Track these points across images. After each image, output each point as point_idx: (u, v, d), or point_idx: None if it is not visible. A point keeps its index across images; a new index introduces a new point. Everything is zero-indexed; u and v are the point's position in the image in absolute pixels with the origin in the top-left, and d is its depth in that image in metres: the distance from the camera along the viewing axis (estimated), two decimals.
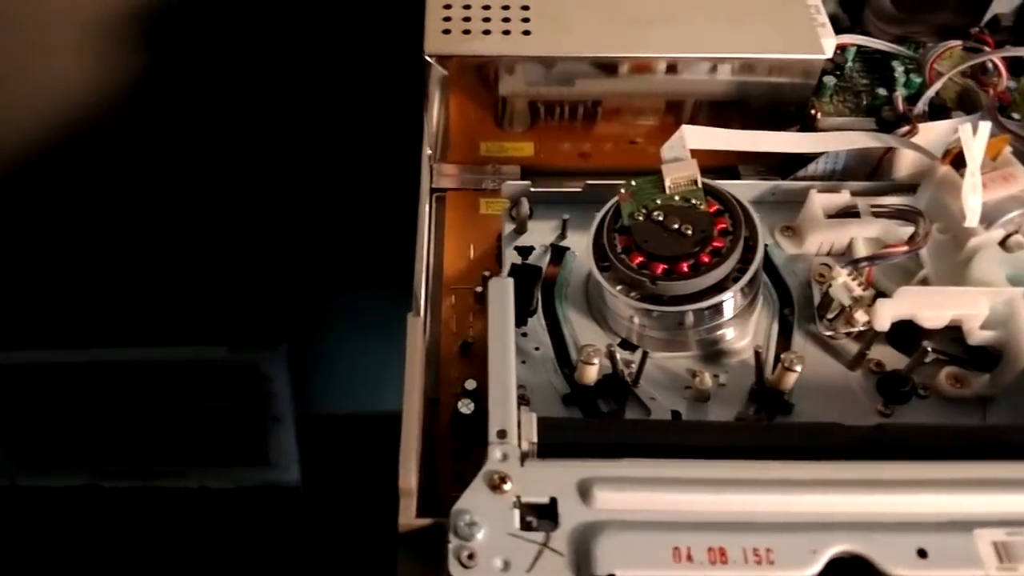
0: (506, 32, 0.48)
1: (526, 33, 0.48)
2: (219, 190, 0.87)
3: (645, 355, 0.42)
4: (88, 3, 0.70)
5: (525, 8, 0.49)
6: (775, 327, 0.45)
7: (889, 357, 0.43)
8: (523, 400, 0.42)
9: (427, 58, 0.47)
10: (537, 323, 0.45)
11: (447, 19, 0.48)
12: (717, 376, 0.43)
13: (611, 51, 0.48)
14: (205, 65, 0.77)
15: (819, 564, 0.29)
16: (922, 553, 0.30)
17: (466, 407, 0.40)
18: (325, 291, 1.02)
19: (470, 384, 0.42)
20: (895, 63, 0.58)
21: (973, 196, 0.42)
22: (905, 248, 0.42)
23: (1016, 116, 0.56)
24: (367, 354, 1.10)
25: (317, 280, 1.00)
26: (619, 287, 0.43)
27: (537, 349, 0.44)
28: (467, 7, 0.49)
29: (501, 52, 0.47)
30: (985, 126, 0.42)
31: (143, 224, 0.90)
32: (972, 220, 0.42)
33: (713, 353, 0.44)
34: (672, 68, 0.50)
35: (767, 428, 0.38)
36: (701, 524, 0.30)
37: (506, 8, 0.49)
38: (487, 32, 0.48)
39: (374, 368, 1.12)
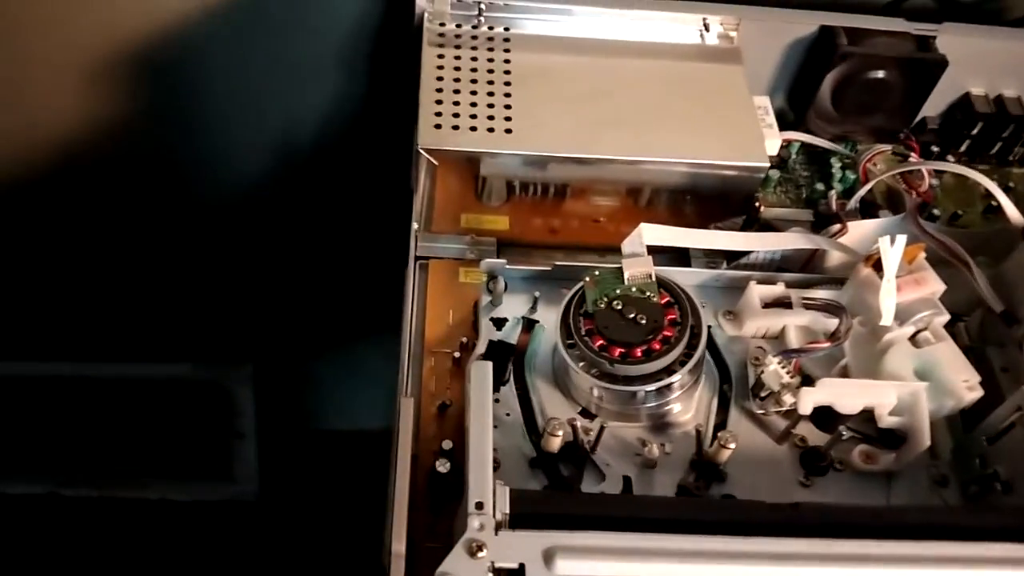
0: (490, 129, 0.54)
1: (508, 131, 0.54)
2: (188, 211, 0.91)
3: (602, 428, 0.48)
4: (83, 45, 0.74)
5: (508, 108, 0.55)
6: (715, 402, 0.51)
7: (812, 434, 0.50)
8: (494, 463, 0.47)
9: (420, 150, 0.52)
10: (509, 391, 0.51)
11: (438, 114, 0.54)
12: (663, 445, 0.49)
13: (579, 151, 0.54)
14: (197, 109, 0.81)
15: None
16: None
17: (443, 466, 0.46)
18: (292, 310, 1.06)
19: (447, 444, 0.47)
20: (833, 159, 0.65)
21: (888, 299, 0.49)
22: (827, 344, 0.49)
23: (936, 212, 0.64)
24: (329, 373, 1.13)
25: (284, 299, 1.04)
26: (581, 364, 0.49)
27: (508, 415, 0.50)
28: (456, 103, 0.55)
29: (485, 148, 0.53)
30: (901, 239, 0.49)
31: (112, 241, 0.93)
32: (887, 320, 0.49)
33: (661, 425, 0.50)
34: (640, 163, 0.57)
35: (705, 504, 0.44)
36: None
37: (491, 106, 0.55)
38: (473, 128, 0.54)
39: (338, 387, 1.16)
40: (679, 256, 0.58)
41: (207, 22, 0.74)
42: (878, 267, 0.50)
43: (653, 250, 0.51)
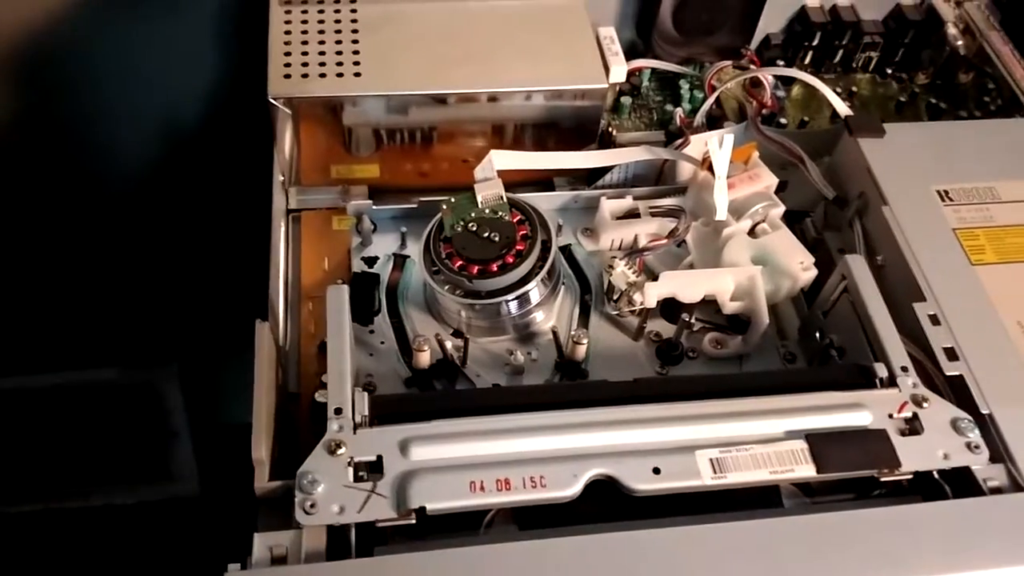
0: (339, 75, 0.56)
1: (357, 75, 0.56)
2: (100, 218, 0.92)
3: (467, 341, 0.51)
4: None
5: (356, 52, 0.57)
6: (576, 310, 0.54)
7: (665, 328, 0.53)
8: (369, 387, 0.50)
9: (271, 100, 0.55)
10: (383, 321, 0.54)
11: (287, 64, 0.56)
12: (530, 353, 0.52)
13: (432, 88, 0.57)
14: (72, 93, 0.82)
15: (579, 484, 0.39)
16: (656, 471, 0.39)
17: (322, 396, 0.48)
18: (210, 306, 1.07)
19: (326, 378, 0.50)
20: (682, 82, 0.69)
21: (720, 195, 0.52)
22: (664, 241, 0.52)
23: (783, 121, 0.68)
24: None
25: (202, 295, 1.04)
26: (447, 287, 0.52)
27: (383, 343, 0.53)
28: (305, 53, 0.57)
29: (335, 92, 0.56)
30: (728, 138, 0.53)
31: (28, 252, 0.94)
32: (721, 214, 0.52)
33: (527, 335, 0.53)
34: (492, 98, 0.59)
35: (549, 388, 0.47)
36: (491, 463, 0.39)
37: (339, 53, 0.57)
38: (323, 75, 0.56)
39: None
40: (546, 187, 0.61)
41: (78, 14, 0.75)
42: (712, 169, 0.54)
43: (523, 182, 0.54)
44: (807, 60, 0.72)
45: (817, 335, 0.52)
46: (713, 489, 0.40)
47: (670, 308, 0.53)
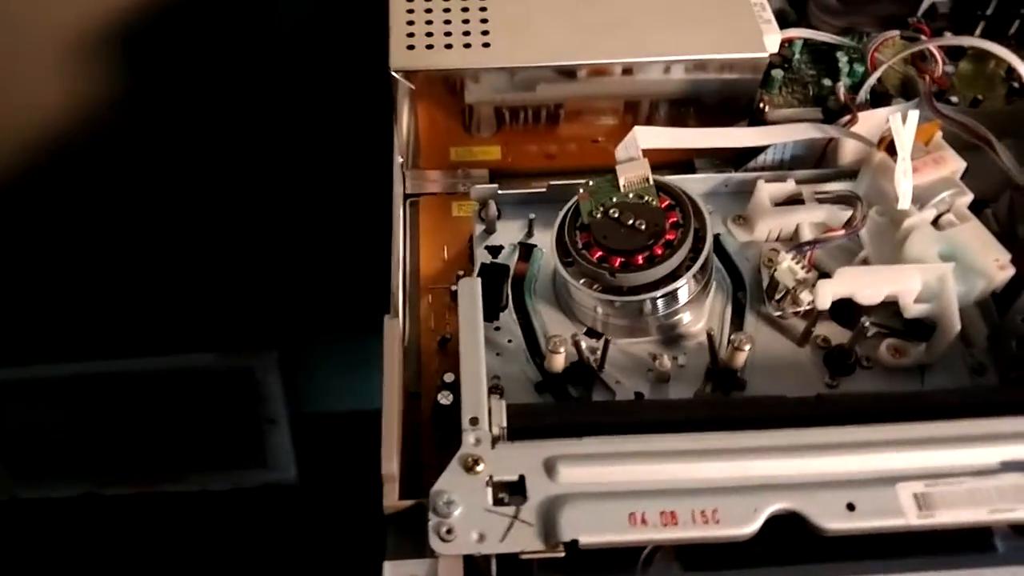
0: (467, 45, 0.51)
1: (486, 45, 0.51)
2: (203, 203, 0.90)
3: (607, 342, 0.45)
4: (65, 22, 0.73)
5: (484, 21, 0.52)
6: (729, 310, 0.48)
7: (834, 333, 0.47)
8: (497, 390, 0.45)
9: (393, 73, 0.50)
10: (509, 317, 0.48)
11: (411, 35, 0.51)
12: (676, 358, 0.46)
13: (567, 59, 0.51)
14: (186, 80, 0.80)
15: (759, 521, 0.33)
16: (851, 507, 0.33)
17: (445, 399, 0.44)
18: (312, 293, 1.05)
19: (448, 377, 0.45)
20: (839, 54, 0.61)
21: (904, 180, 0.45)
22: (841, 232, 0.46)
23: (954, 100, 0.60)
24: (355, 353, 1.12)
25: (304, 283, 1.03)
26: (582, 280, 0.46)
27: (510, 342, 0.47)
28: (429, 23, 0.52)
29: (462, 65, 0.51)
30: (914, 114, 0.46)
31: (131, 237, 0.93)
32: (904, 203, 0.45)
33: (672, 337, 0.47)
34: (628, 71, 0.53)
35: (714, 403, 0.41)
36: (654, 491, 0.33)
37: (466, 22, 0.52)
38: (449, 46, 0.51)
39: (362, 366, 1.15)
40: (686, 170, 0.55)
41: None
42: (892, 150, 0.47)
43: (660, 164, 0.48)
44: (978, 32, 0.63)
45: (1014, 344, 0.45)
46: (918, 530, 0.33)
47: (841, 310, 0.46)
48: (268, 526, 1.17)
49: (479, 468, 0.34)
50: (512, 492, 0.35)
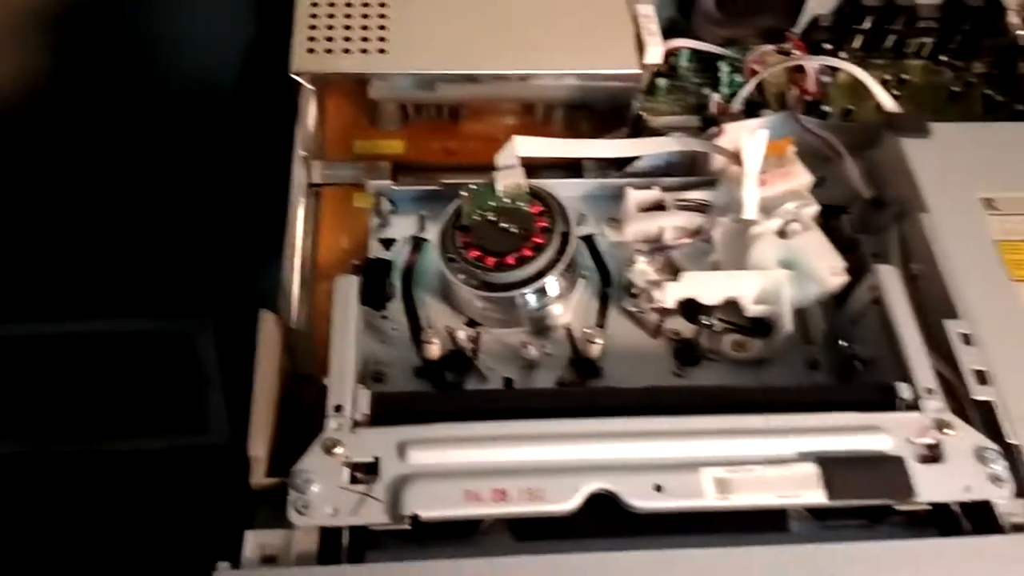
0: (364, 51, 0.55)
1: (382, 52, 0.55)
2: (140, 167, 0.92)
3: (479, 333, 0.49)
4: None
5: (383, 28, 0.56)
6: (595, 304, 0.53)
7: (685, 327, 0.52)
8: (379, 375, 0.49)
9: (292, 75, 0.53)
10: (397, 307, 0.53)
11: (312, 39, 0.55)
12: (544, 347, 0.51)
13: (458, 68, 0.55)
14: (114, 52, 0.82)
15: (578, 499, 0.38)
16: (658, 488, 0.38)
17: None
18: (249, 260, 1.07)
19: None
20: (721, 64, 0.66)
21: (749, 192, 0.50)
22: (688, 241, 0.50)
23: (828, 110, 0.64)
24: None
25: (241, 250, 1.05)
26: (461, 276, 0.50)
27: (395, 330, 0.52)
28: (331, 27, 0.56)
29: (358, 70, 0.54)
30: (762, 133, 0.50)
31: (71, 202, 0.95)
32: (749, 213, 0.50)
33: (542, 328, 0.52)
34: (523, 78, 0.57)
35: (553, 394, 0.46)
36: (489, 472, 0.38)
37: (365, 28, 0.56)
38: (347, 51, 0.55)
39: None
40: (574, 170, 0.59)
41: None
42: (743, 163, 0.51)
43: (551, 165, 0.52)
44: (857, 45, 0.68)
45: (841, 343, 0.50)
46: (716, 510, 0.39)
47: (691, 307, 0.51)
48: (201, 486, 1.20)
49: (337, 451, 0.39)
50: (368, 472, 0.39)
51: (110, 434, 1.21)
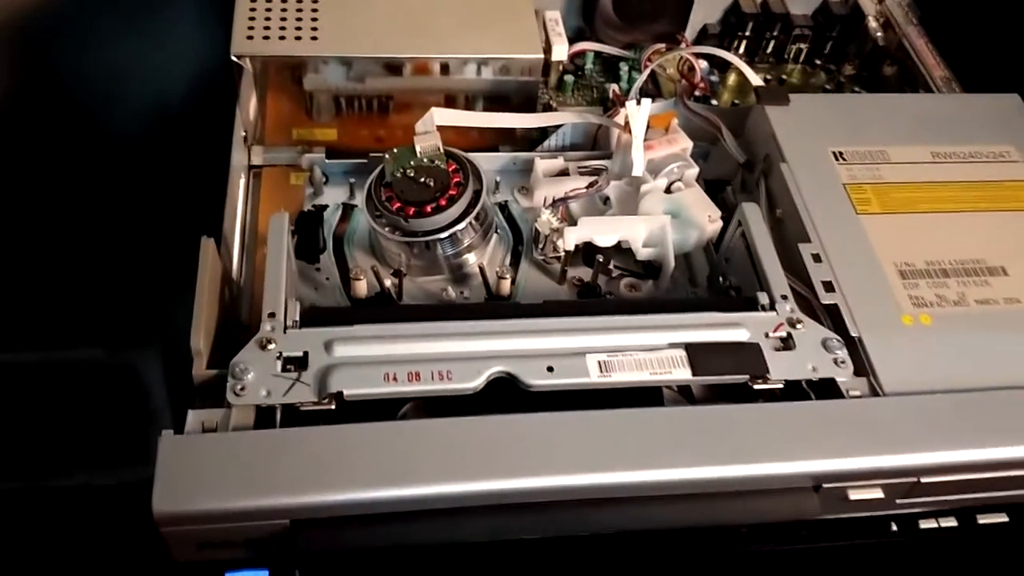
0: (298, 37, 0.62)
1: (314, 38, 0.62)
2: (82, 198, 0.96)
3: (402, 276, 0.56)
4: None
5: (315, 20, 0.63)
6: (508, 257, 0.60)
7: (586, 274, 0.58)
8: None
9: (232, 58, 0.60)
10: (328, 259, 0.59)
11: (251, 25, 0.62)
12: (463, 292, 0.57)
13: (379, 52, 0.62)
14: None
15: (482, 379, 0.44)
16: (550, 369, 0.45)
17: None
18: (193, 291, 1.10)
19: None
20: (622, 64, 0.74)
21: (637, 153, 0.58)
22: (584, 190, 0.58)
23: (715, 102, 0.73)
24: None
25: (188, 279, 1.09)
26: (386, 228, 0.57)
27: (328, 279, 0.58)
28: (268, 16, 0.63)
29: (292, 53, 0.61)
30: (646, 102, 0.58)
31: (14, 232, 0.98)
32: (637, 170, 0.58)
33: (460, 276, 0.58)
34: (444, 70, 0.65)
35: (460, 305, 0.53)
36: (405, 359, 0.44)
37: (299, 19, 0.63)
38: (283, 37, 0.62)
39: None
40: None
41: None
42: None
43: (471, 149, 0.59)
44: (741, 50, 0.78)
45: (721, 279, 0.57)
46: (600, 387, 0.45)
47: (591, 256, 0.58)
48: (149, 520, 1.20)
49: (271, 346, 0.45)
50: (298, 366, 0.45)
51: (53, 469, 1.21)
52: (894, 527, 0.48)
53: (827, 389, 0.47)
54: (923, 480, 0.44)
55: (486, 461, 0.40)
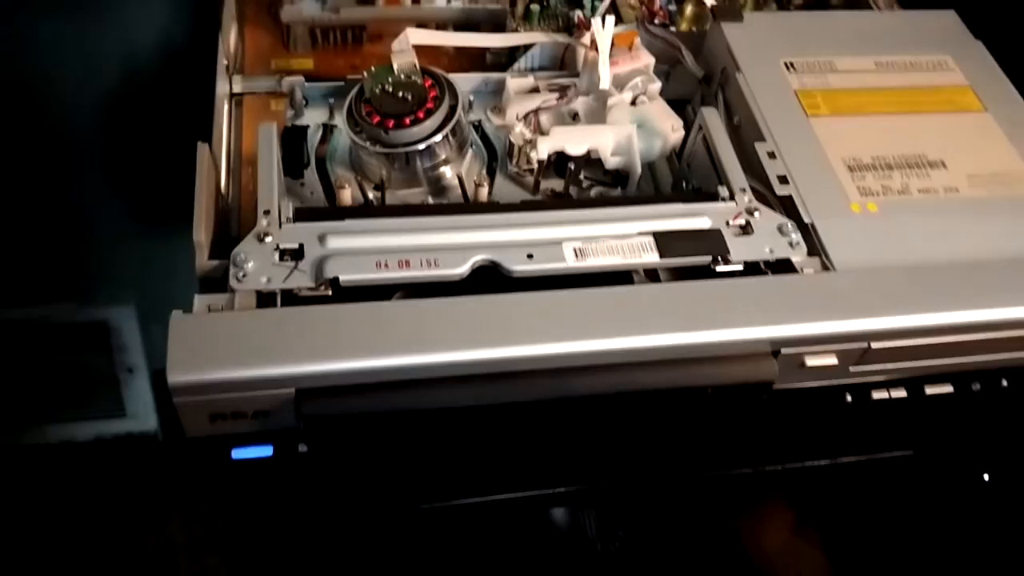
0: None
1: None
2: (54, 155, 0.97)
3: (384, 188, 0.59)
4: None
5: None
6: (484, 171, 0.63)
7: (559, 186, 0.62)
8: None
9: None
10: (312, 175, 0.62)
11: None
12: (442, 203, 0.61)
13: None
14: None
15: (467, 265, 0.48)
16: (530, 256, 0.48)
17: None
18: (169, 247, 1.12)
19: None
20: None
21: (603, 67, 0.61)
22: (555, 103, 0.61)
23: (674, 29, 0.77)
24: None
25: (165, 236, 1.10)
26: (367, 142, 0.60)
27: (312, 194, 0.61)
28: None
29: None
30: (610, 20, 0.62)
31: None
32: (604, 83, 0.61)
33: (439, 188, 0.61)
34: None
35: (445, 205, 0.56)
36: (395, 249, 0.48)
37: None
38: None
39: None
40: None
41: None
42: (597, 47, 0.63)
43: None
44: None
45: (684, 183, 0.61)
46: (576, 272, 0.49)
47: (563, 167, 0.61)
48: (129, 475, 1.22)
49: (268, 239, 0.48)
50: (294, 257, 0.48)
51: (30, 424, 1.22)
52: (849, 397, 0.52)
53: (783, 269, 0.51)
54: (874, 346, 0.48)
55: (474, 333, 0.44)
